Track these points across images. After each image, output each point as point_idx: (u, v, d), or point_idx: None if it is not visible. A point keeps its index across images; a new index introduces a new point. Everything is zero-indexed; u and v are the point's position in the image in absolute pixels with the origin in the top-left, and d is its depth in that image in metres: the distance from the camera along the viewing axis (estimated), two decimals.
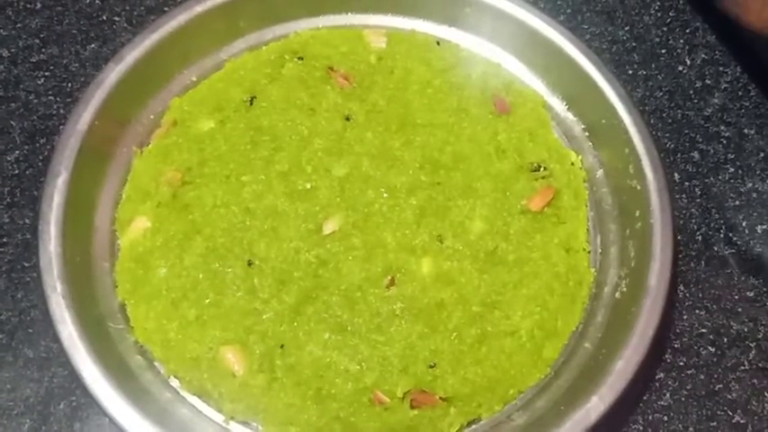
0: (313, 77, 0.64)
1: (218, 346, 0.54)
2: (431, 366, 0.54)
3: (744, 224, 0.65)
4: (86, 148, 0.57)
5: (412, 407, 0.53)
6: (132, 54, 0.61)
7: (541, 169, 0.62)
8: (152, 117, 0.63)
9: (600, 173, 0.63)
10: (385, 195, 0.59)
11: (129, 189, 0.60)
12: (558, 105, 0.66)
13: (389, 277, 0.56)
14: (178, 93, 0.64)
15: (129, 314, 0.56)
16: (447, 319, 0.55)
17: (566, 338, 0.57)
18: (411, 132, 0.62)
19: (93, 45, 0.70)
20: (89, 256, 0.57)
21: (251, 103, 0.63)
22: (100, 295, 0.56)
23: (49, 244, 0.54)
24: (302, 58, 0.65)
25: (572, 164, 0.63)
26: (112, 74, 0.60)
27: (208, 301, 0.55)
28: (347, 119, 0.62)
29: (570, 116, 0.65)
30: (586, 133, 0.64)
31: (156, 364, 0.55)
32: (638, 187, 0.58)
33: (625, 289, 0.57)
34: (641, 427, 0.57)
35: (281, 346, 0.54)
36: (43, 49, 0.70)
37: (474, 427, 0.54)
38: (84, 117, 0.58)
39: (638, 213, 0.58)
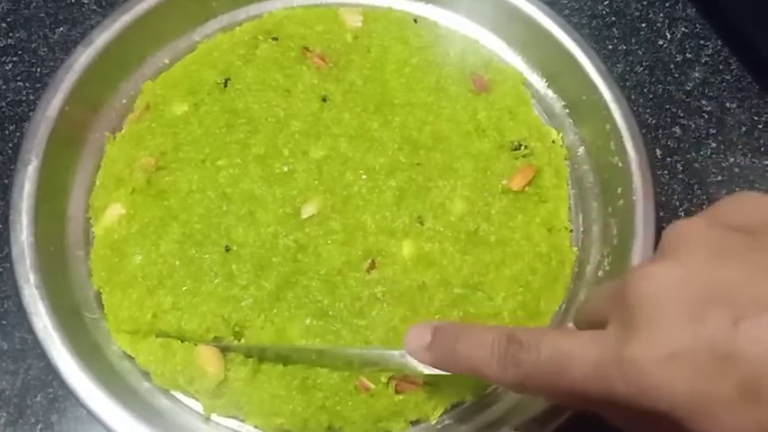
0: (288, 58, 0.63)
1: (194, 345, 0.53)
2: None
3: None
4: (57, 134, 0.56)
5: (396, 392, 0.52)
6: (102, 37, 0.59)
7: (522, 148, 0.61)
8: (124, 101, 0.62)
9: (581, 150, 0.62)
10: (364, 177, 0.58)
11: (103, 176, 0.59)
12: (538, 82, 0.65)
13: (370, 260, 0.55)
14: (150, 76, 0.63)
15: (104, 302, 0.55)
16: (429, 301, 0.54)
17: (549, 319, 0.56)
18: (389, 112, 0.61)
19: (61, 28, 0.68)
20: (63, 245, 0.56)
21: (225, 86, 0.61)
22: (75, 285, 0.55)
23: (21, 234, 0.53)
24: (277, 39, 0.64)
25: (553, 141, 0.63)
26: (82, 57, 0.58)
27: (185, 288, 0.54)
28: (324, 100, 0.61)
29: (550, 93, 0.65)
30: (567, 110, 0.64)
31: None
32: (620, 164, 0.57)
33: (608, 267, 0.56)
34: None
35: None
36: (10, 34, 0.68)
37: (458, 410, 0.54)
38: (53, 103, 0.57)
39: (620, 190, 0.57)
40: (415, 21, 0.67)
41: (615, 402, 0.33)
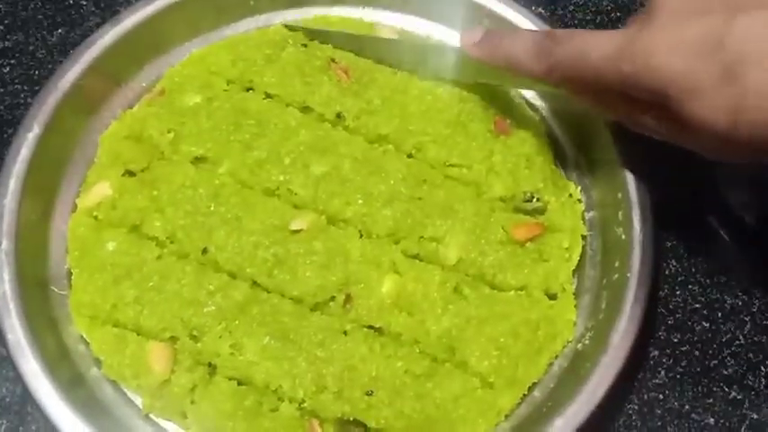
0: (311, 66, 0.60)
1: (147, 340, 0.51)
2: (368, 394, 0.49)
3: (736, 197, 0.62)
4: (66, 106, 0.56)
5: None
6: (131, 19, 0.59)
7: (534, 200, 0.57)
8: (144, 84, 0.61)
9: (591, 214, 0.58)
10: (360, 202, 0.55)
11: (101, 153, 0.58)
12: (560, 135, 0.61)
13: (346, 293, 0.52)
14: (174, 63, 0.62)
15: (72, 282, 0.53)
16: (398, 345, 0.51)
17: (524, 389, 0.52)
18: (401, 139, 0.57)
19: (60, 30, 0.67)
20: (48, 215, 0.56)
21: (242, 84, 0.60)
22: (52, 257, 0.55)
23: (5, 198, 0.52)
24: (306, 45, 0.61)
25: (570, 195, 0.58)
26: (107, 36, 0.58)
27: (151, 284, 0.52)
28: (338, 116, 0.58)
29: (570, 147, 0.61)
30: (582, 169, 0.59)
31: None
32: (623, 236, 0.53)
33: (588, 341, 0.52)
34: (636, 407, 0.55)
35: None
36: (8, 36, 0.67)
37: None
38: (68, 75, 0.57)
39: (617, 264, 0.53)
40: None
41: (622, 83, 0.42)
